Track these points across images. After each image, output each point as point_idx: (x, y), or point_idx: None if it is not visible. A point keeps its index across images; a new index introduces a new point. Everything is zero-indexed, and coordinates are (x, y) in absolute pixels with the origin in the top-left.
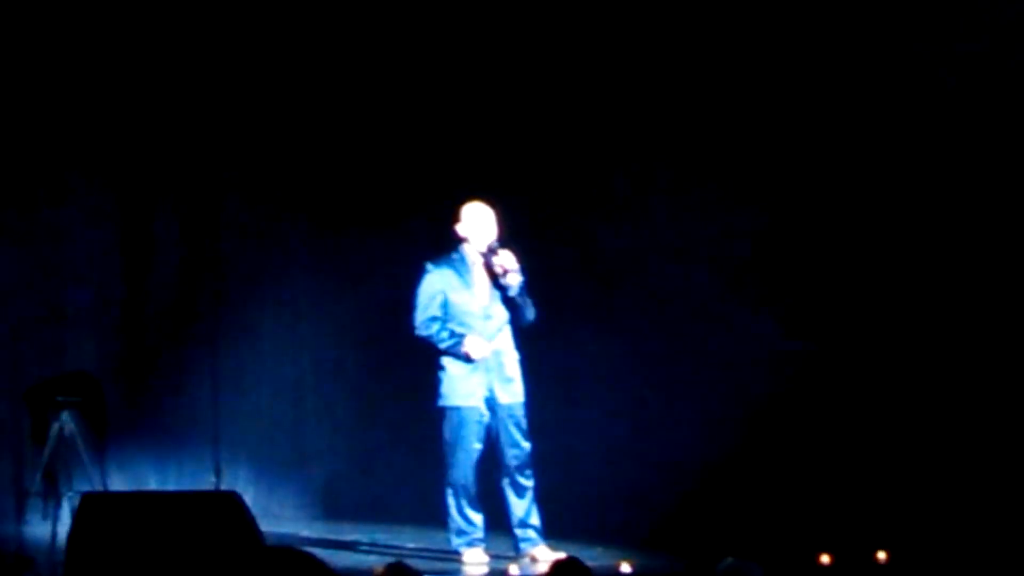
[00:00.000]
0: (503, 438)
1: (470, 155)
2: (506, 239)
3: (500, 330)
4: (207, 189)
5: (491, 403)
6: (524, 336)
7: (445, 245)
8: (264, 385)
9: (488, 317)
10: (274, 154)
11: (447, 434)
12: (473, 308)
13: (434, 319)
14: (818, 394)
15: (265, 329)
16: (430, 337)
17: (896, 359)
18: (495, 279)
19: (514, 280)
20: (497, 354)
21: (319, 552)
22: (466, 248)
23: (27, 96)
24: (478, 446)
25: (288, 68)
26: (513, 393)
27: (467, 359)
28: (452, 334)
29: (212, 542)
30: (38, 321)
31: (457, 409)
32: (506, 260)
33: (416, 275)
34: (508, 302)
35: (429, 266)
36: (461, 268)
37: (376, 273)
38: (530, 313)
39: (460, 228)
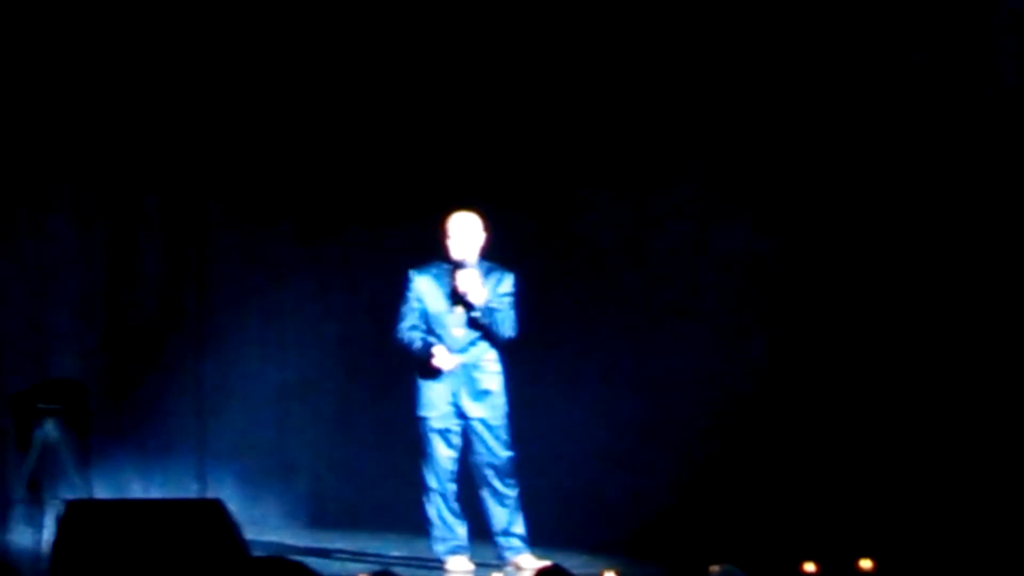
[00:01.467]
0: (475, 449)
1: (459, 163)
2: (495, 245)
3: (474, 343)
4: (192, 198)
5: (460, 414)
6: (510, 344)
7: (432, 255)
8: (249, 392)
9: (461, 329)
10: (259, 164)
11: (420, 443)
12: (447, 320)
13: (413, 328)
14: (803, 401)
15: (250, 336)
16: (404, 341)
17: (881, 367)
18: (461, 294)
19: (475, 300)
20: (467, 368)
21: (304, 560)
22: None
23: (12, 105)
24: (450, 454)
25: (275, 77)
26: (486, 407)
27: (435, 367)
28: (424, 340)
29: (196, 550)
30: (22, 328)
31: (426, 419)
32: (464, 280)
33: (403, 282)
34: (470, 320)
35: (412, 274)
36: (442, 279)
37: (361, 282)
38: (502, 330)
39: (444, 238)
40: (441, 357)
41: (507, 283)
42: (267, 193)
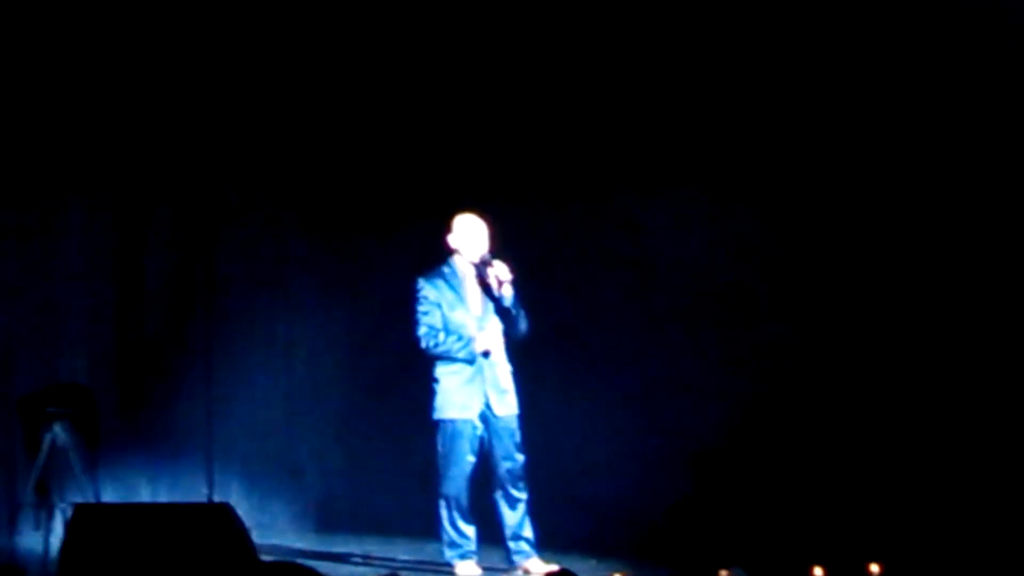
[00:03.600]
0: (497, 450)
1: (466, 165)
2: (498, 249)
3: (497, 340)
4: (202, 200)
5: (486, 415)
6: (517, 348)
7: (436, 257)
8: (257, 397)
9: (482, 330)
10: (269, 165)
11: (440, 447)
12: (467, 321)
13: (437, 331)
14: (812, 406)
15: (259, 340)
16: (438, 347)
17: (888, 371)
18: (488, 291)
19: (508, 292)
20: (492, 365)
21: (312, 565)
22: (457, 260)
23: (22, 103)
24: (471, 459)
25: (286, 75)
26: (508, 405)
27: (486, 355)
28: (460, 338)
29: (205, 554)
30: (31, 331)
31: (451, 422)
32: (500, 271)
33: (410, 291)
34: (502, 313)
35: (421, 282)
36: (453, 281)
37: (370, 285)
38: (523, 324)
39: (452, 240)
40: (486, 338)
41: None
42: (277, 195)
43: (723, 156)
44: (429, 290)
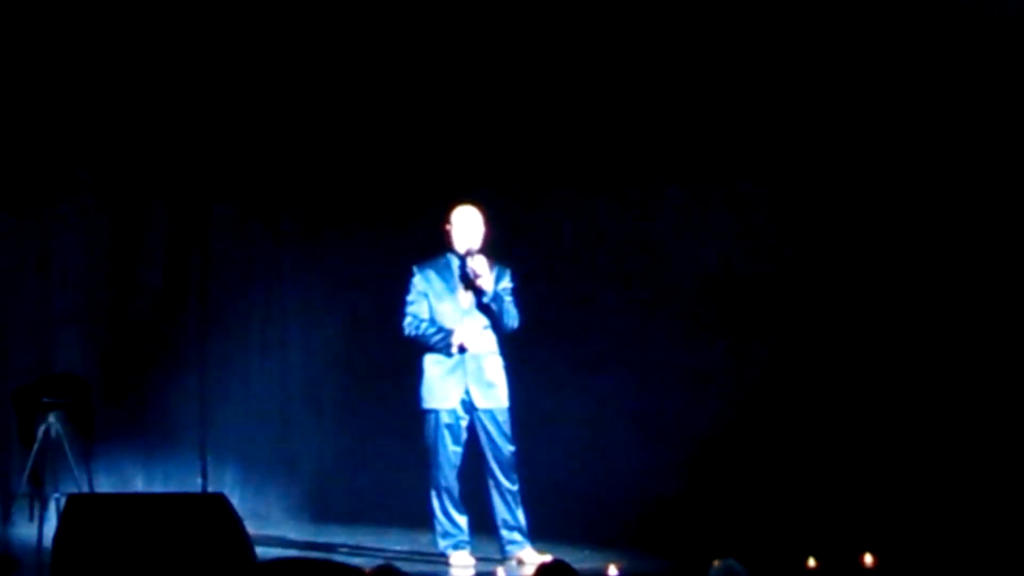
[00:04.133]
0: (483, 441)
1: (462, 159)
2: (496, 243)
3: (481, 334)
4: (196, 192)
5: (468, 406)
6: (511, 338)
7: (436, 248)
8: (251, 387)
9: (469, 318)
10: (263, 157)
11: (426, 437)
12: (452, 313)
13: (420, 320)
14: (806, 398)
15: (253, 331)
16: (419, 336)
17: (882, 365)
18: (470, 284)
19: (486, 286)
20: (476, 358)
21: (306, 555)
22: (452, 252)
23: (18, 98)
24: (456, 448)
25: (280, 72)
26: (493, 398)
27: (461, 350)
28: (440, 330)
29: (199, 544)
30: (25, 322)
31: (434, 412)
32: (477, 265)
33: (405, 278)
34: (482, 308)
35: (415, 269)
36: (446, 272)
37: (365, 275)
38: (509, 320)
39: (447, 231)
40: (464, 334)
41: (507, 278)
42: (271, 188)
43: (730, 148)
44: (419, 279)
